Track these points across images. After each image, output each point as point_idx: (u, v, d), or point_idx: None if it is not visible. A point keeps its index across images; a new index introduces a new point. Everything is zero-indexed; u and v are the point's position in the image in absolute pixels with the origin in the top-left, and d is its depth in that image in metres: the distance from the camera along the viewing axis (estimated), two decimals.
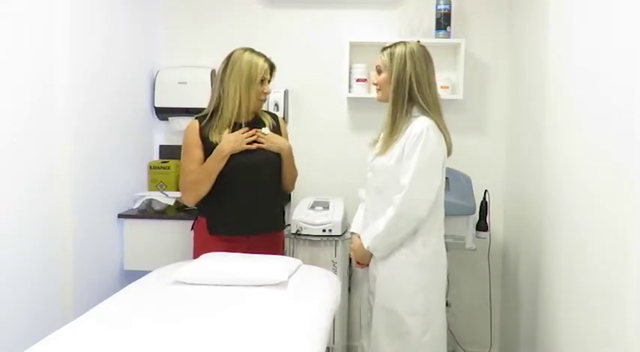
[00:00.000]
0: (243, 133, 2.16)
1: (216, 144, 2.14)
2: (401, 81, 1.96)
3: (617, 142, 1.48)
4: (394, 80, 1.97)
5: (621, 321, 1.43)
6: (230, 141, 2.13)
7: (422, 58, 1.99)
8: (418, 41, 2.10)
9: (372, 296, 2.08)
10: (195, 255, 2.21)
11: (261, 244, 2.20)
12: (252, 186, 2.20)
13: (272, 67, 2.26)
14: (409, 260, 1.96)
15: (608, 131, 1.54)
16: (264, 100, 2.28)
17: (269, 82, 2.26)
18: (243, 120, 2.21)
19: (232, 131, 2.18)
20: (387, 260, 2.00)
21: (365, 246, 2.03)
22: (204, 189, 2.15)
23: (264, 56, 2.24)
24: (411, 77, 1.95)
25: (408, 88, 1.96)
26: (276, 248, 2.30)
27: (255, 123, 2.25)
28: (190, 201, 2.22)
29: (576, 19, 1.86)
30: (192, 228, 2.30)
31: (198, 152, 2.17)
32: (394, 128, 1.97)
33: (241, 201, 2.19)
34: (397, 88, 1.97)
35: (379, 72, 2.05)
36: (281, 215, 2.39)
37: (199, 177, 2.15)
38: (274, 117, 2.36)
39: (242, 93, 2.17)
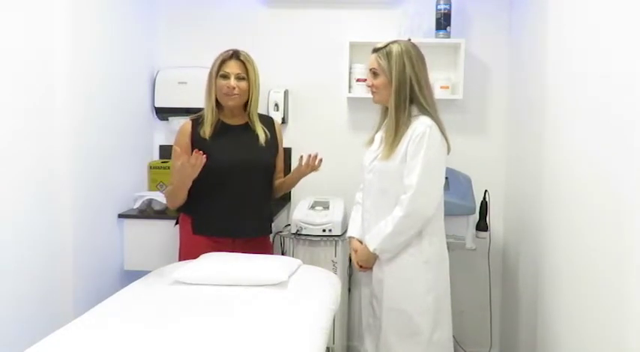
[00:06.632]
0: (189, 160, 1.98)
1: (207, 140, 2.12)
2: (402, 83, 1.92)
3: (617, 142, 1.48)
4: (395, 83, 1.93)
5: (621, 321, 1.43)
6: (179, 172, 2.00)
7: (417, 56, 1.96)
8: (409, 39, 2.06)
9: (376, 299, 2.04)
10: (181, 252, 2.23)
11: (246, 247, 2.16)
12: (240, 187, 2.15)
13: (235, 56, 2.13)
14: (417, 260, 1.95)
15: (608, 131, 1.54)
16: (232, 97, 2.12)
17: (241, 78, 2.12)
18: (229, 122, 2.17)
19: (219, 132, 2.14)
20: (393, 261, 1.97)
21: (371, 249, 1.98)
22: (179, 201, 2.14)
23: (229, 50, 2.15)
24: (410, 78, 1.93)
25: (409, 90, 1.93)
26: (262, 252, 2.23)
27: (246, 129, 2.20)
28: (171, 208, 2.23)
29: (576, 18, 1.86)
30: (176, 223, 2.29)
31: (180, 160, 2.15)
32: (398, 131, 1.94)
33: (228, 203, 2.15)
34: (399, 91, 1.93)
35: (375, 74, 1.99)
36: (269, 219, 2.34)
37: (170, 195, 2.15)
38: (269, 121, 2.29)
39: (207, 92, 2.14)
